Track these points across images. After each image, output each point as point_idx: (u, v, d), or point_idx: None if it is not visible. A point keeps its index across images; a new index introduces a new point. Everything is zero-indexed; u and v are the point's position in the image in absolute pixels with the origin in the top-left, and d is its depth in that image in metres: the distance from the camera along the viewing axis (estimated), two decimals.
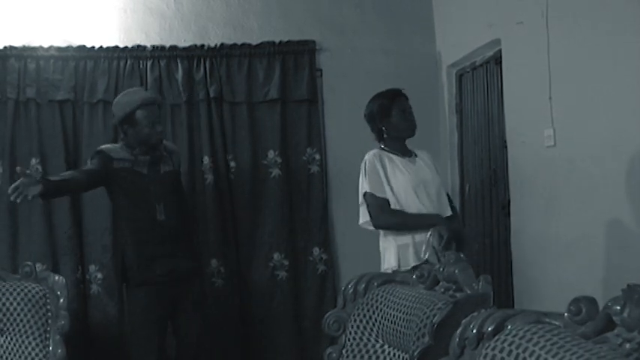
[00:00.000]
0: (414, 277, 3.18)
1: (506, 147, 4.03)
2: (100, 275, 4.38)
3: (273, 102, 4.56)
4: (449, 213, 3.54)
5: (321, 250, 4.56)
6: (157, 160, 3.71)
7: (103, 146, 3.77)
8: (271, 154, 4.55)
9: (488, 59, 4.27)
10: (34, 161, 4.38)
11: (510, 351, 1.66)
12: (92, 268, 4.39)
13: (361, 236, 4.54)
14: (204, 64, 4.52)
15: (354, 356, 3.07)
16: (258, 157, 4.54)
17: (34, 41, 4.45)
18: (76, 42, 4.48)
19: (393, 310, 2.90)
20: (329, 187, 4.67)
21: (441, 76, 4.78)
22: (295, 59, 4.59)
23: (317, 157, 4.59)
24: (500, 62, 4.06)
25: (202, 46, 4.54)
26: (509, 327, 1.74)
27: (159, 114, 3.72)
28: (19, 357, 3.61)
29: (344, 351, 3.08)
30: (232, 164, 4.48)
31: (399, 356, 2.84)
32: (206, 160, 4.46)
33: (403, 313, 2.74)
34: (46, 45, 4.46)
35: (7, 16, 4.45)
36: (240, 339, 4.45)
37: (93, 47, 4.48)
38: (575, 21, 3.35)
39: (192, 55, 4.52)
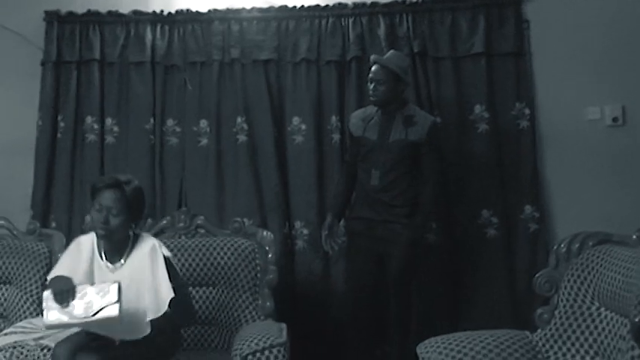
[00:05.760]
0: (634, 237, 3.00)
1: None
2: (305, 231, 4.40)
3: (477, 56, 4.40)
4: None
5: (533, 208, 4.35)
6: (389, 126, 3.89)
7: (352, 115, 4.12)
8: (478, 108, 4.39)
9: None
10: (239, 119, 4.47)
11: None
12: (298, 224, 4.42)
13: (576, 194, 4.36)
14: (407, 19, 4.43)
15: (568, 317, 2.94)
16: (464, 112, 4.40)
17: (237, 3, 4.55)
18: (277, 2, 4.53)
19: (611, 271, 2.74)
20: (540, 142, 4.43)
21: None
22: (500, 11, 4.42)
23: (526, 111, 4.38)
24: None
25: (404, 1, 4.46)
26: None
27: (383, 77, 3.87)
28: (231, 308, 3.76)
29: (556, 312, 2.96)
30: (438, 119, 4.32)
31: (617, 320, 2.69)
32: None
33: (622, 275, 2.59)
34: (248, 6, 4.54)
35: None
36: (448, 297, 4.36)
37: (294, 7, 4.51)
38: None
39: (394, 11, 4.45)
